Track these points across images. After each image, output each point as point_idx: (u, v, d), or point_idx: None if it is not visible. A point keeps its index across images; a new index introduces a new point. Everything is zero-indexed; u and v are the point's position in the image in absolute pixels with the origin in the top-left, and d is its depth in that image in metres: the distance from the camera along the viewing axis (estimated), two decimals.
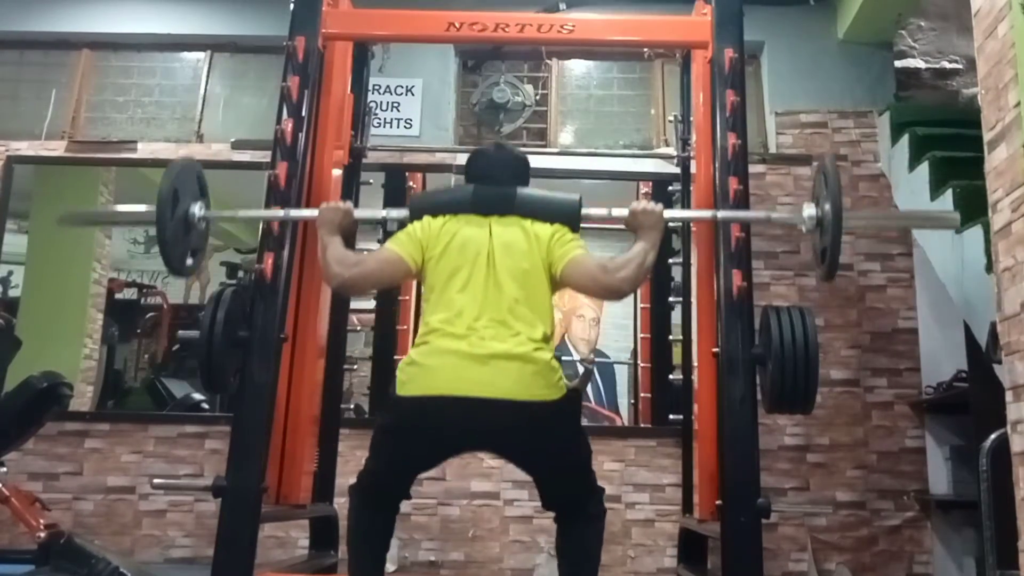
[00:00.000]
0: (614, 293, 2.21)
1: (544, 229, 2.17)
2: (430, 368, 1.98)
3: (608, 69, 4.69)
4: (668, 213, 2.27)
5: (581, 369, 5.34)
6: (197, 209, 2.42)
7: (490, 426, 1.97)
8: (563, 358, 4.09)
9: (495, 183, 2.26)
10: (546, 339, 2.05)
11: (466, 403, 1.93)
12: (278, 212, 2.60)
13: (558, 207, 2.27)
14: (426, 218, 2.20)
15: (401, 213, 2.35)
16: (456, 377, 1.95)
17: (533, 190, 2.30)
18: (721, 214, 2.63)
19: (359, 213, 2.38)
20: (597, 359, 5.55)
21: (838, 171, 2.31)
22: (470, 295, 2.05)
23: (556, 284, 2.14)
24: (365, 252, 2.38)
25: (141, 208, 2.44)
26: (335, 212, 2.28)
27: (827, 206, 2.27)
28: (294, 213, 2.61)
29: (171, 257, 2.34)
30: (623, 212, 2.28)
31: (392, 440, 2.05)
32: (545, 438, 2.01)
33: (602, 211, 2.43)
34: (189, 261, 2.45)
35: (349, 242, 2.32)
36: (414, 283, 4.47)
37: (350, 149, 3.48)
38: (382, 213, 2.63)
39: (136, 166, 4.55)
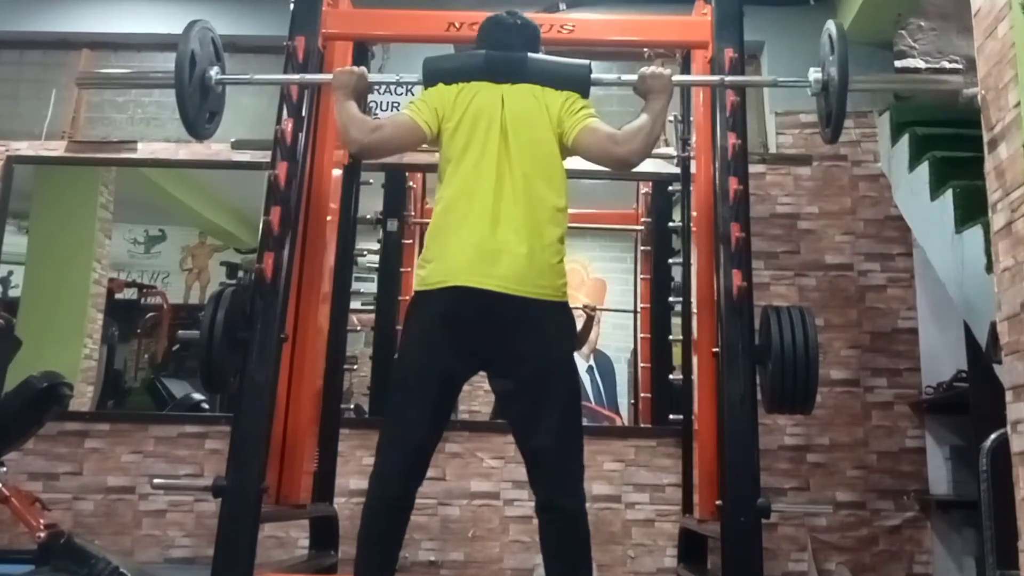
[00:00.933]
0: (623, 164, 2.23)
1: (555, 97, 2.22)
2: (443, 260, 2.05)
3: (608, 69, 4.67)
4: (676, 78, 2.35)
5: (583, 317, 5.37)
6: (214, 72, 2.49)
7: (493, 317, 2.01)
8: None
9: (507, 50, 2.31)
10: (558, 217, 2.11)
11: (476, 294, 2.00)
12: (294, 77, 2.68)
13: (568, 73, 2.31)
14: (440, 85, 2.26)
15: (414, 77, 2.41)
16: (468, 269, 2.01)
17: (544, 56, 2.35)
18: (728, 79, 2.67)
19: (373, 77, 2.44)
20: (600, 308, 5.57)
21: (844, 34, 2.32)
22: (484, 169, 2.10)
23: (567, 151, 2.20)
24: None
25: (159, 71, 2.52)
26: (349, 75, 2.36)
27: (833, 70, 2.30)
28: (309, 77, 2.70)
29: (190, 119, 2.41)
30: (632, 78, 2.35)
31: (415, 342, 2.08)
32: (538, 337, 2.04)
33: (612, 76, 2.51)
34: (208, 124, 2.50)
35: (361, 105, 2.39)
36: (412, 281, 4.48)
37: None
38: (396, 77, 2.68)
39: (136, 166, 4.56)
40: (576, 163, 4.59)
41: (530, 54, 2.31)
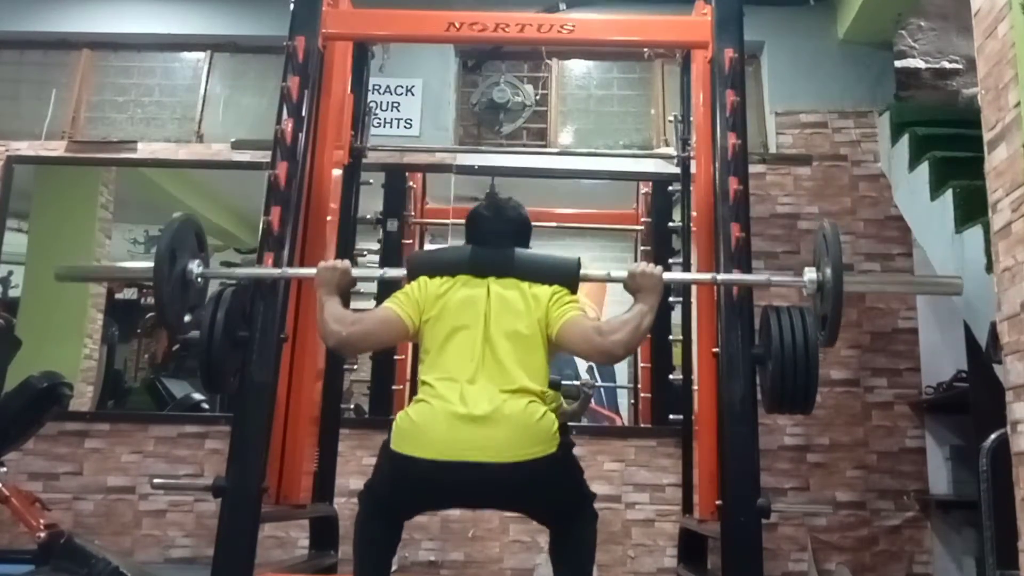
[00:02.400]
0: (608, 356, 2.15)
1: (543, 291, 2.15)
2: (423, 428, 1.96)
3: (608, 69, 4.69)
4: (667, 276, 2.24)
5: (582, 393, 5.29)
6: (195, 266, 2.39)
7: (484, 489, 1.97)
8: (563, 382, 4.08)
9: (494, 245, 2.25)
10: (541, 397, 2.04)
11: (459, 467, 1.91)
12: (274, 271, 2.56)
13: (556, 269, 2.24)
14: (423, 279, 2.19)
15: (399, 273, 2.34)
16: (449, 441, 1.93)
17: (532, 252, 2.29)
18: (720, 277, 2.56)
19: (357, 272, 2.35)
20: (598, 384, 5.48)
21: (839, 235, 2.27)
22: (466, 356, 2.03)
23: (552, 345, 2.12)
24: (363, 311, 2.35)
25: (139, 265, 2.42)
26: (332, 272, 2.25)
27: (828, 270, 2.25)
28: (290, 272, 2.59)
29: (168, 316, 2.34)
30: (622, 274, 2.25)
31: (389, 488, 2.04)
32: (541, 492, 2.01)
33: (601, 272, 2.42)
34: (187, 318, 2.42)
35: (345, 299, 2.31)
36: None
37: (350, 149, 3.48)
38: (379, 272, 2.62)
39: (136, 166, 4.56)
40: (577, 163, 4.59)
41: (517, 250, 2.25)
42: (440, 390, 1.99)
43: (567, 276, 2.24)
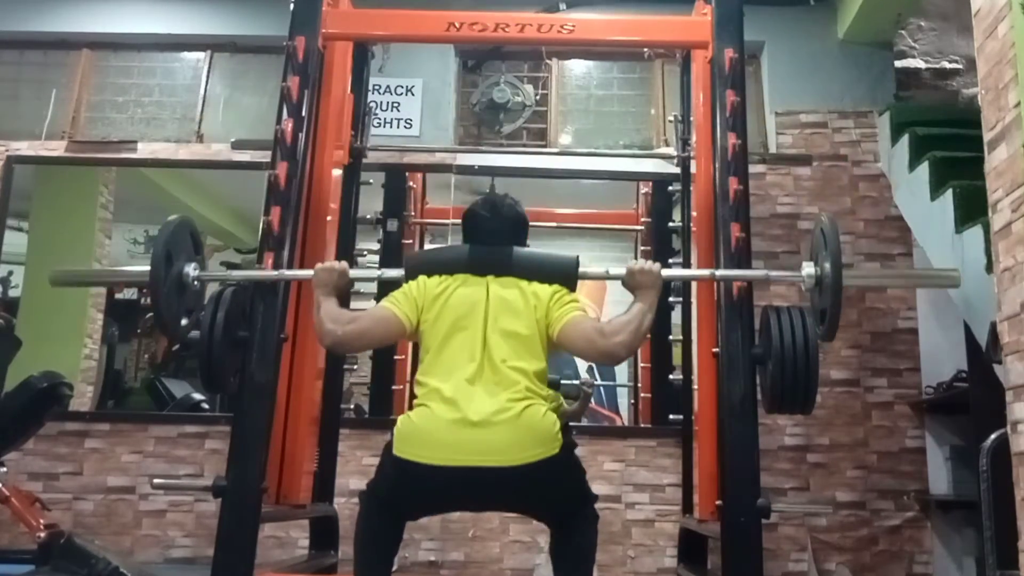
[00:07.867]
0: (610, 358, 2.15)
1: (543, 290, 2.14)
2: (426, 432, 1.95)
3: (608, 69, 4.69)
4: (666, 273, 2.23)
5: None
6: (191, 269, 2.40)
7: (487, 492, 1.97)
8: (563, 382, 4.08)
9: (492, 243, 2.24)
10: (538, 396, 2.02)
11: (461, 472, 1.91)
12: (271, 273, 2.55)
13: (555, 267, 2.23)
14: (421, 278, 2.18)
15: (397, 273, 2.33)
16: (451, 445, 1.92)
17: (530, 250, 2.27)
18: (719, 273, 2.55)
19: (355, 273, 2.34)
20: (597, 383, 5.45)
21: (837, 229, 2.28)
22: (466, 357, 2.02)
23: (553, 345, 2.12)
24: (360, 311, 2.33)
25: (135, 269, 2.44)
26: (330, 273, 2.25)
27: (827, 265, 2.25)
28: (288, 274, 2.57)
29: (165, 319, 2.33)
30: (621, 271, 2.24)
31: (392, 491, 2.03)
32: (543, 493, 2.00)
33: (600, 270, 2.40)
34: (184, 322, 2.43)
35: (343, 301, 2.30)
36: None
37: (350, 149, 3.48)
38: (377, 273, 2.61)
39: (136, 166, 4.56)
40: (577, 163, 4.58)
41: (516, 248, 2.24)
42: (441, 393, 1.98)
43: (566, 274, 2.23)
